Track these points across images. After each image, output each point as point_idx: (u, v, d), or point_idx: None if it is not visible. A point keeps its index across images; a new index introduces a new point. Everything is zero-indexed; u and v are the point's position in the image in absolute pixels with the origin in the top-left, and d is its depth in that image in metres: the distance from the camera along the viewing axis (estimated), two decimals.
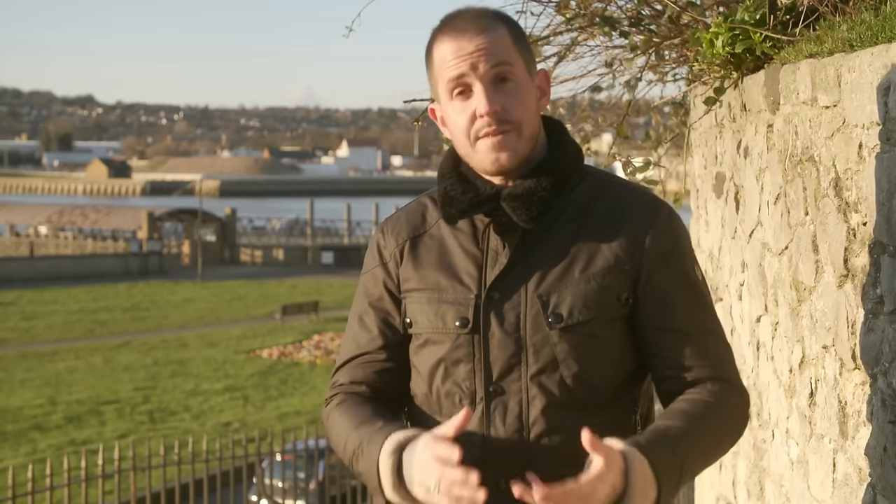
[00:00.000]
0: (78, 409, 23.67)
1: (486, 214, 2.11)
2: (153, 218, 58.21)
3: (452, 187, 2.13)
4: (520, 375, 2.06)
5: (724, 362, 2.13)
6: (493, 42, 2.05)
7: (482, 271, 2.11)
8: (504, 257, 2.10)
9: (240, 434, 15.14)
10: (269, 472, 15.39)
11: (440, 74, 2.09)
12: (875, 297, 2.30)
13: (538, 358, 2.06)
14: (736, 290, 3.96)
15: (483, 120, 2.05)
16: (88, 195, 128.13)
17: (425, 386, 2.14)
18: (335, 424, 2.16)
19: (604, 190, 2.14)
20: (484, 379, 2.08)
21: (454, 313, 2.10)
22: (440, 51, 2.08)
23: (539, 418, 2.04)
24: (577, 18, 4.16)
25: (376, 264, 2.22)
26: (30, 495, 8.70)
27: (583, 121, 5.07)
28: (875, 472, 2.34)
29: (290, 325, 35.64)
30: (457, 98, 2.07)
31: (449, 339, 2.10)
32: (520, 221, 2.07)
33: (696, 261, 2.18)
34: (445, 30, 2.09)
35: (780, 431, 3.27)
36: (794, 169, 2.96)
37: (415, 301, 2.16)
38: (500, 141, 2.05)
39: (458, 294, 2.11)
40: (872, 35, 2.46)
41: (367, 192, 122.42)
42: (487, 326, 2.08)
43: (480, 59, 2.04)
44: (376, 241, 2.24)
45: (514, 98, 2.06)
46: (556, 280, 2.07)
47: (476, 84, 2.05)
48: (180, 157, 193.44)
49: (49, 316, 37.99)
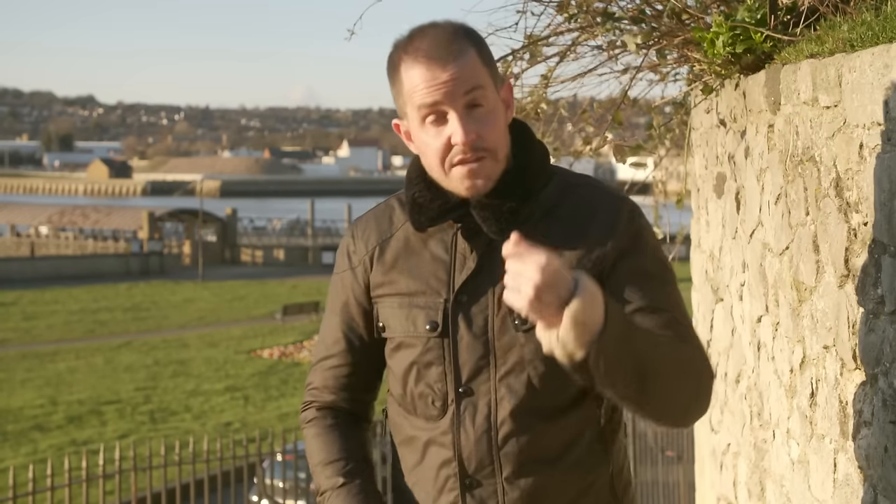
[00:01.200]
0: (79, 409, 23.67)
1: (455, 221, 2.14)
2: (154, 218, 58.22)
3: (421, 194, 2.16)
4: (489, 377, 2.11)
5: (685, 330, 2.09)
6: (465, 69, 2.05)
7: (451, 275, 2.14)
8: (472, 262, 2.13)
9: (240, 434, 15.15)
10: (269, 473, 15.38)
11: (410, 98, 2.09)
12: (876, 297, 2.30)
13: (506, 360, 2.10)
14: (737, 290, 3.96)
15: (458, 148, 2.07)
16: (89, 195, 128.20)
17: (400, 387, 2.21)
18: (308, 445, 2.31)
19: (569, 191, 2.17)
20: (454, 381, 2.13)
21: (424, 317, 2.15)
22: (411, 76, 2.07)
23: (507, 419, 2.10)
24: (578, 16, 4.16)
25: (345, 268, 2.27)
26: (31, 495, 8.70)
27: (584, 121, 5.06)
28: (876, 472, 2.34)
29: (290, 325, 35.65)
30: (430, 124, 2.09)
31: (420, 343, 2.16)
32: (490, 233, 2.10)
33: (665, 258, 2.18)
34: (415, 53, 2.07)
35: (780, 431, 3.27)
36: (794, 169, 2.96)
37: (386, 306, 2.21)
38: (476, 169, 2.08)
39: (427, 298, 2.15)
40: (873, 35, 2.46)
41: (368, 192, 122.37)
42: (456, 330, 2.13)
43: (455, 88, 2.04)
44: (346, 245, 2.28)
45: (487, 124, 2.07)
46: None
47: (451, 112, 2.06)
48: (181, 158, 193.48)
49: (50, 316, 37.99)
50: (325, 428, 2.29)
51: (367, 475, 2.25)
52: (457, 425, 2.13)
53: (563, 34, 4.39)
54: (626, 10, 4.08)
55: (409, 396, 2.19)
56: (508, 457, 2.11)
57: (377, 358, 2.27)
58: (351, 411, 2.32)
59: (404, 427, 2.22)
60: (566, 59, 4.47)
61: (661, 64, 4.39)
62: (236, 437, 12.64)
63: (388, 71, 2.14)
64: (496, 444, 2.11)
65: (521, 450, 2.10)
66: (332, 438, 2.27)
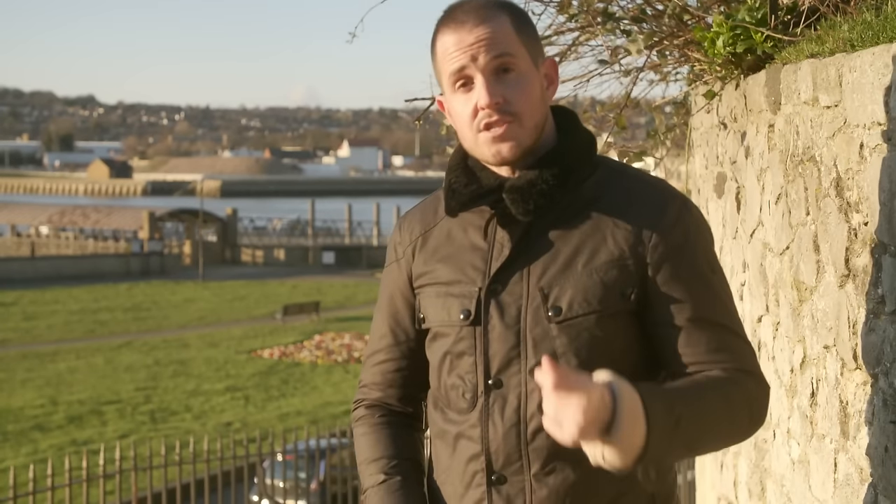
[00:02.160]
0: (79, 409, 23.68)
1: (490, 206, 2.09)
2: (154, 218, 58.23)
3: (457, 179, 2.12)
4: (519, 369, 2.04)
5: (740, 354, 2.03)
6: (493, 32, 2.02)
7: (487, 264, 2.09)
8: (507, 249, 2.07)
9: (241, 434, 15.14)
10: (270, 473, 15.38)
11: (443, 67, 2.07)
12: (876, 297, 2.30)
13: (537, 351, 2.03)
14: (737, 290, 3.96)
15: (484, 112, 2.02)
16: (89, 195, 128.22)
17: (436, 379, 2.16)
18: (356, 444, 2.27)
19: (615, 182, 2.09)
20: (483, 372, 2.07)
21: (458, 306, 2.09)
22: (442, 42, 2.06)
23: (536, 413, 2.01)
24: (579, 16, 4.17)
25: (392, 261, 2.24)
26: (31, 495, 8.71)
27: (584, 121, 5.06)
28: (876, 472, 2.34)
29: (291, 325, 35.64)
30: (459, 90, 2.05)
31: (453, 332, 2.10)
32: (518, 214, 2.04)
33: (713, 255, 2.10)
34: (447, 21, 2.06)
35: (781, 431, 3.27)
36: (795, 169, 2.96)
37: (426, 296, 2.16)
38: (502, 133, 2.02)
39: (463, 287, 2.10)
40: (873, 35, 2.46)
41: (369, 192, 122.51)
42: (488, 319, 2.07)
43: (480, 51, 2.01)
44: (393, 238, 2.26)
45: (516, 89, 2.02)
46: (558, 273, 2.04)
47: (477, 76, 2.02)
48: (181, 158, 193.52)
49: (50, 316, 38.00)
50: (371, 426, 2.23)
51: (412, 474, 2.18)
52: (485, 418, 2.06)
53: (564, 34, 4.40)
54: (627, 10, 4.08)
55: (442, 388, 2.14)
56: (538, 452, 2.03)
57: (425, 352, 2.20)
58: (402, 410, 2.25)
59: (438, 420, 2.16)
60: (567, 59, 4.47)
61: (662, 64, 4.39)
62: (237, 437, 12.64)
63: (430, 48, 2.11)
64: (525, 438, 2.03)
65: (551, 445, 1.99)
66: (378, 437, 2.21)
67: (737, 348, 2.04)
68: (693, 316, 2.01)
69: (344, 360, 29.47)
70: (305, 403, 24.32)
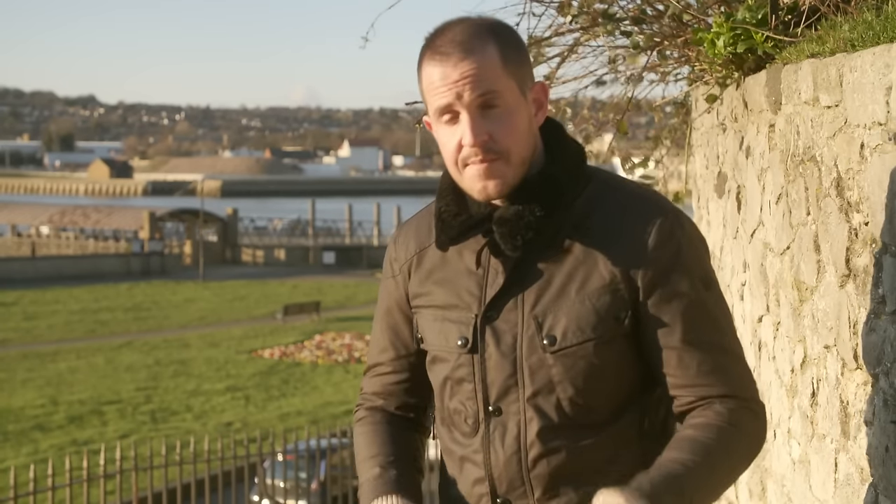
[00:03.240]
0: (80, 409, 23.69)
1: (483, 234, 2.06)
2: (155, 218, 58.26)
3: (447, 208, 2.09)
4: (517, 397, 2.04)
5: (736, 379, 2.02)
6: (478, 68, 1.96)
7: (483, 290, 2.08)
8: (501, 277, 2.05)
9: (241, 434, 15.14)
10: (270, 473, 15.39)
11: (428, 98, 2.03)
12: (877, 297, 2.30)
13: (534, 380, 2.02)
14: (738, 290, 3.96)
15: (467, 150, 1.99)
16: (90, 195, 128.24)
17: (440, 400, 2.17)
18: (356, 442, 2.27)
19: (606, 198, 2.05)
20: (483, 400, 2.08)
21: (456, 332, 2.09)
22: (428, 74, 2.01)
23: (535, 441, 2.03)
24: (580, 17, 4.17)
25: (389, 276, 2.23)
26: (32, 495, 8.71)
27: (585, 121, 5.07)
28: (877, 472, 2.34)
29: (291, 325, 35.65)
30: (445, 123, 2.02)
31: (452, 358, 2.10)
32: (506, 250, 2.02)
33: (708, 271, 2.06)
34: (432, 52, 2.00)
35: (781, 431, 3.27)
36: (795, 169, 2.96)
37: (423, 317, 2.15)
38: (487, 169, 1.99)
39: (460, 313, 2.09)
40: (874, 35, 2.46)
41: (369, 192, 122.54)
42: (485, 347, 2.06)
43: (465, 89, 1.96)
44: (389, 252, 2.24)
45: (502, 125, 1.98)
46: (551, 301, 2.02)
47: (462, 112, 1.98)
48: (182, 158, 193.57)
49: (51, 316, 38.01)
50: (371, 425, 2.24)
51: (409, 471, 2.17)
52: (487, 445, 2.07)
53: (565, 35, 4.40)
54: (627, 11, 4.09)
55: (446, 410, 2.14)
56: (539, 479, 2.03)
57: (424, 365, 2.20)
58: (403, 416, 2.26)
59: (445, 437, 2.17)
60: (568, 60, 4.48)
61: (663, 64, 4.39)
62: (237, 437, 12.63)
63: (417, 66, 2.07)
64: (526, 465, 2.04)
65: (552, 471, 2.02)
66: (376, 435, 2.21)
67: (730, 369, 2.03)
68: (684, 338, 2.00)
69: (344, 360, 29.43)
70: (306, 403, 24.32)
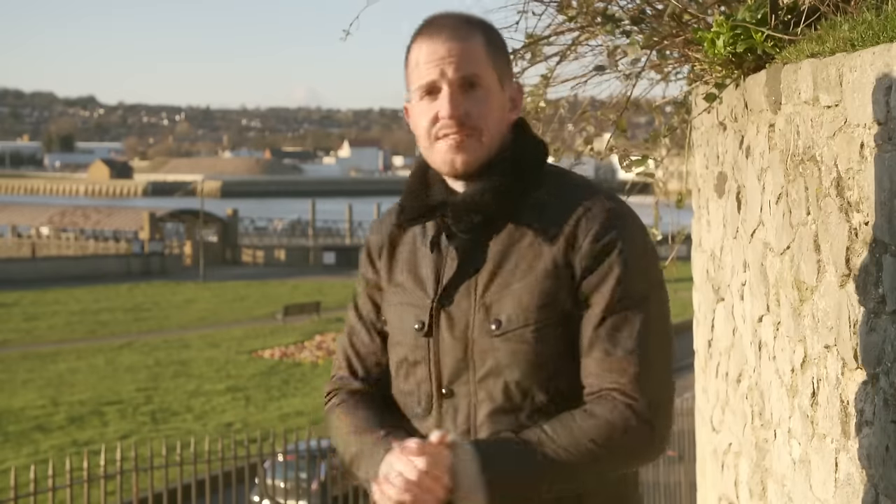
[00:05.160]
0: (80, 409, 23.68)
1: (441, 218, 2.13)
2: (155, 219, 58.29)
3: (409, 191, 2.19)
4: (468, 379, 2.10)
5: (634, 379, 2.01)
6: (465, 49, 2.08)
7: (439, 275, 2.15)
8: (454, 261, 2.13)
9: (242, 435, 15.13)
10: (271, 473, 15.39)
11: (413, 75, 2.12)
12: (877, 296, 2.30)
13: (484, 363, 2.08)
14: (738, 289, 3.96)
15: (444, 122, 2.08)
16: (90, 196, 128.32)
17: (394, 383, 2.22)
18: (336, 424, 2.25)
19: (558, 192, 2.12)
20: (436, 382, 2.13)
21: (413, 316, 2.16)
22: (416, 51, 2.12)
23: (485, 421, 2.08)
24: (579, 16, 4.17)
25: (366, 262, 2.29)
26: (32, 496, 8.70)
27: (584, 121, 5.07)
28: (877, 471, 2.34)
29: (291, 325, 35.65)
30: (425, 99, 2.11)
31: (409, 341, 2.16)
32: (457, 231, 2.10)
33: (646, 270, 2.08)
34: (423, 31, 2.13)
35: (782, 431, 3.27)
36: (795, 168, 2.96)
37: (387, 301, 2.23)
38: (458, 143, 2.08)
39: (417, 297, 2.16)
40: (874, 35, 2.46)
41: (369, 192, 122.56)
42: (439, 330, 2.13)
43: (450, 65, 2.07)
44: (366, 241, 2.32)
45: (480, 104, 2.08)
46: (499, 287, 2.09)
47: (444, 88, 2.08)
48: (182, 158, 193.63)
49: (51, 317, 38.01)
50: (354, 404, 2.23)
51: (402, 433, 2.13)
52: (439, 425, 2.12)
53: (564, 34, 4.40)
54: (627, 11, 4.09)
55: (398, 393, 2.20)
56: None
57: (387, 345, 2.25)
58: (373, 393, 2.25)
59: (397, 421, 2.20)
60: (567, 59, 4.48)
61: (662, 64, 4.39)
62: (237, 437, 12.61)
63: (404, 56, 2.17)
64: None
65: None
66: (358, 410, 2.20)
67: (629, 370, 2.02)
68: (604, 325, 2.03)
69: None
70: (306, 404, 24.31)
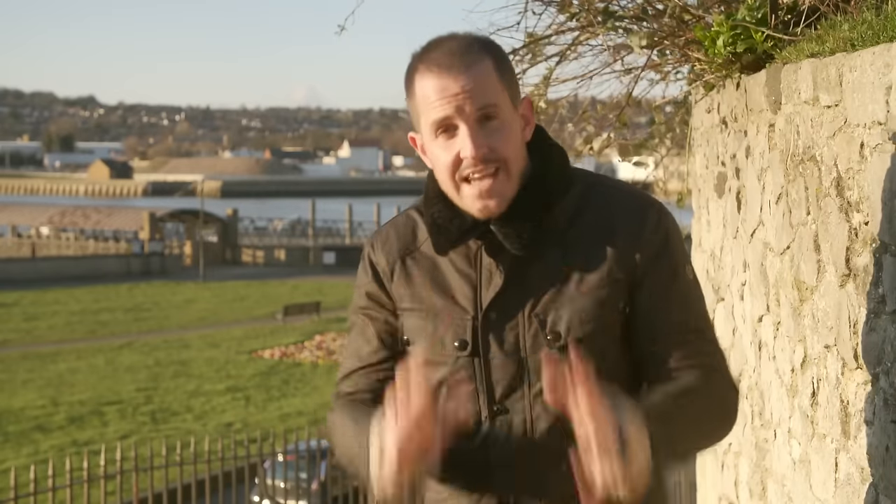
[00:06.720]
0: (80, 409, 23.67)
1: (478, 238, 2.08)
2: (155, 219, 58.28)
3: (440, 214, 2.10)
4: (523, 395, 2.05)
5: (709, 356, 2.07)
6: (478, 81, 1.99)
7: (477, 292, 2.08)
8: (499, 278, 2.07)
9: (242, 435, 15.13)
10: (271, 473, 15.40)
11: (423, 111, 2.04)
12: (877, 296, 2.30)
13: (540, 377, 2.01)
14: (738, 289, 3.96)
15: (468, 161, 2.00)
16: (90, 196, 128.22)
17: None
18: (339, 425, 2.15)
19: (592, 196, 2.09)
20: (487, 400, 2.07)
21: (452, 335, 2.08)
22: (423, 87, 2.02)
23: (544, 435, 2.03)
24: (580, 15, 4.17)
25: (369, 279, 2.19)
26: (32, 496, 8.71)
27: (584, 121, 5.07)
28: (877, 471, 2.34)
29: (291, 325, 35.64)
30: (441, 136, 2.03)
31: (449, 361, 2.09)
32: (512, 249, 2.04)
33: (688, 258, 2.14)
34: (428, 63, 2.02)
35: (782, 431, 3.27)
36: (795, 168, 2.96)
37: (411, 320, 2.14)
38: (489, 188, 2.01)
39: (454, 315, 2.09)
40: (874, 34, 2.46)
41: (369, 192, 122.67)
42: (487, 348, 2.07)
43: (466, 102, 1.98)
44: (367, 257, 2.21)
45: (500, 136, 2.01)
46: (551, 298, 2.05)
47: (461, 125, 2.00)
48: (182, 158, 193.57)
49: (51, 317, 38.00)
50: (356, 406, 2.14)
51: None
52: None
53: (565, 33, 4.40)
54: (628, 10, 4.09)
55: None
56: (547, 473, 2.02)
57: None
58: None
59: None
60: (567, 59, 4.48)
61: (663, 63, 4.39)
62: (237, 437, 12.62)
63: (404, 82, 2.08)
64: None
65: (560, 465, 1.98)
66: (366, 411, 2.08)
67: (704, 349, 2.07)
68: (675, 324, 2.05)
69: None
70: (306, 404, 24.31)
